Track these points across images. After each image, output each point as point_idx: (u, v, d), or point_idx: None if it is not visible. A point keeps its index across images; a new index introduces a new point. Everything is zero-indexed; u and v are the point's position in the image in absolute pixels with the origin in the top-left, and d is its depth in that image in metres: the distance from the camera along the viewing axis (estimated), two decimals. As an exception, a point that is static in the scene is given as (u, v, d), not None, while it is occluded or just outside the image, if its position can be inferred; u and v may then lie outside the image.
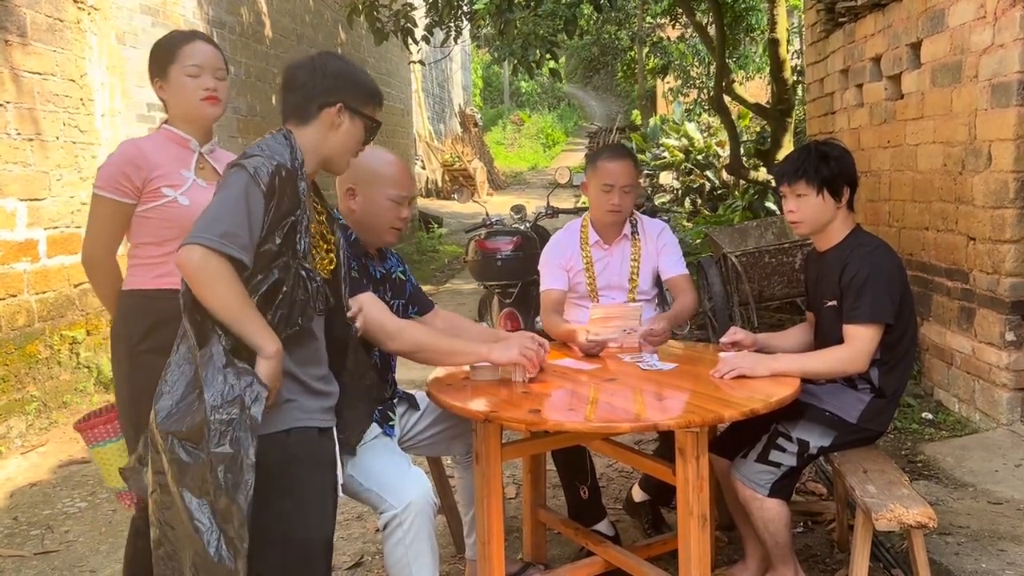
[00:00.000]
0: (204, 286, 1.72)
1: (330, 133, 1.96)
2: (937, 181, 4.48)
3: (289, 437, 1.87)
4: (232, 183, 1.79)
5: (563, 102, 31.42)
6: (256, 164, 1.79)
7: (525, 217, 5.51)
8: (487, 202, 8.79)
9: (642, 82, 21.36)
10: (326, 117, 1.95)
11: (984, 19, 3.94)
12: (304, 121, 1.95)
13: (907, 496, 2.32)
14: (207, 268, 1.71)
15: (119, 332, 2.36)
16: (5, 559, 3.26)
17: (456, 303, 8.53)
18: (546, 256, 3.21)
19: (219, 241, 1.71)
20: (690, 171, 11.49)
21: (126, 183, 2.28)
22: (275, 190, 1.79)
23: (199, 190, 2.33)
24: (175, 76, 2.34)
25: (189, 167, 2.36)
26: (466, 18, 8.31)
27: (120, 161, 2.31)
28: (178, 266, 1.74)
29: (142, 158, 2.30)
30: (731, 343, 2.70)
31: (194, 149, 2.39)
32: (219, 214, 1.75)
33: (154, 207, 2.30)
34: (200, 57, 2.36)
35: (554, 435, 2.62)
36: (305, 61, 1.99)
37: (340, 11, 9.94)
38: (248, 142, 8.25)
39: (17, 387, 4.68)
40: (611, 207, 3.06)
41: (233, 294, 1.74)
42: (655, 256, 3.17)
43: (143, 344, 2.28)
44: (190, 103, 2.36)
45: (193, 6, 7.07)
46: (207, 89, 2.35)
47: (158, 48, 2.40)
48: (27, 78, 4.82)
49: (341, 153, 2.01)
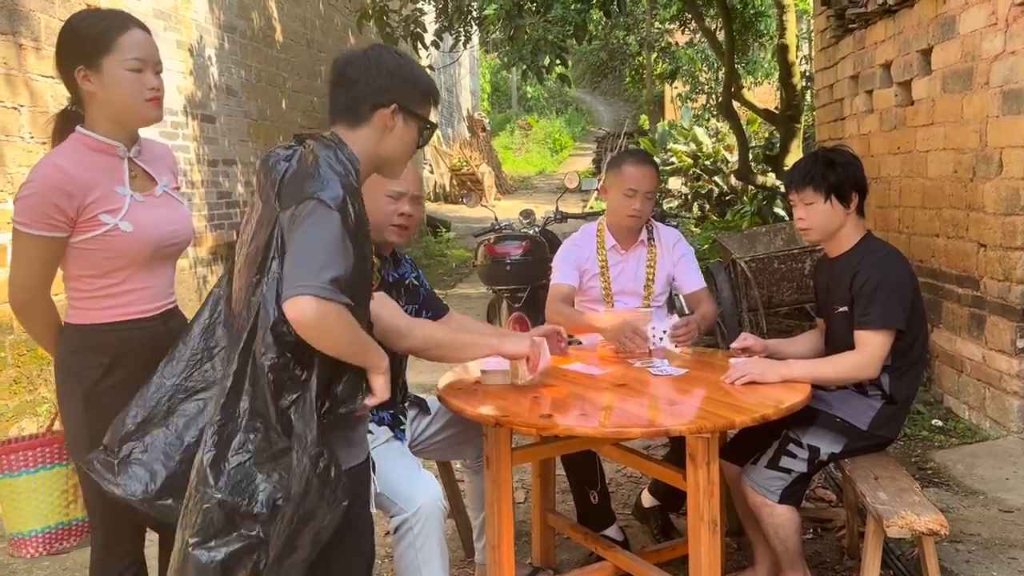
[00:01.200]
0: (326, 337, 1.62)
1: (384, 136, 1.81)
2: (947, 188, 4.47)
3: (352, 475, 1.78)
4: (322, 221, 1.62)
5: (571, 107, 31.44)
6: (331, 196, 1.64)
7: (534, 222, 5.52)
8: (495, 207, 8.81)
9: (650, 87, 21.37)
10: (379, 119, 1.79)
11: (995, 26, 3.93)
12: (355, 124, 1.79)
13: (918, 503, 2.31)
14: (326, 320, 1.59)
15: (69, 369, 2.02)
16: (16, 560, 3.27)
17: (465, 307, 8.53)
18: (562, 254, 3.20)
19: (330, 289, 1.59)
20: (698, 176, 11.49)
21: (57, 216, 1.91)
22: (352, 220, 1.66)
23: (139, 208, 2.01)
24: (111, 69, 1.94)
25: (123, 181, 2.00)
26: (475, 23, 8.34)
27: (46, 190, 1.90)
28: (292, 321, 1.59)
29: (70, 182, 1.91)
30: (742, 349, 2.70)
31: (123, 156, 2.02)
32: (324, 258, 1.60)
33: (92, 237, 1.95)
34: (142, 49, 1.97)
35: (564, 440, 2.63)
36: (357, 55, 1.82)
37: (350, 16, 9.98)
38: (259, 146, 8.35)
39: (29, 388, 4.71)
40: (632, 212, 3.06)
41: (352, 334, 1.66)
42: (671, 265, 3.17)
43: (104, 382, 1.98)
44: (131, 103, 1.97)
45: (205, 11, 7.11)
46: (152, 88, 1.99)
47: (84, 31, 1.97)
48: (40, 82, 4.86)
49: (396, 159, 1.86)
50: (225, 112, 7.36)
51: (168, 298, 2.13)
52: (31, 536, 2.12)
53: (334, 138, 1.76)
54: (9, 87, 4.62)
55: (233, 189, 7.55)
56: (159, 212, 2.06)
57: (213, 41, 7.23)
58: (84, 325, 2.02)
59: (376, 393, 1.75)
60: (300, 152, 1.73)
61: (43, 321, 2.07)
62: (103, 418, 1.93)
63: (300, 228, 1.63)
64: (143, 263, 2.02)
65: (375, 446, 2.36)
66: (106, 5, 5.52)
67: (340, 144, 1.75)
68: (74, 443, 2.04)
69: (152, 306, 2.07)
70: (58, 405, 2.10)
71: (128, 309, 2.02)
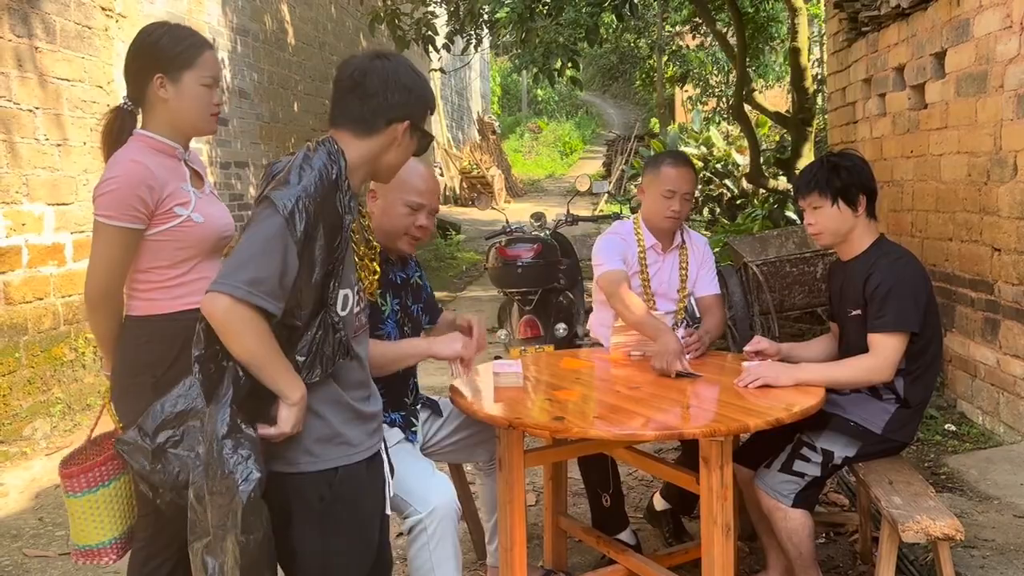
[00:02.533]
0: (230, 336, 1.64)
1: (391, 148, 1.84)
2: (961, 191, 4.45)
3: (336, 475, 1.80)
4: (262, 221, 1.66)
5: (581, 110, 31.46)
6: (283, 197, 1.66)
7: (545, 225, 5.52)
8: (505, 209, 8.82)
9: (661, 90, 21.35)
10: (391, 132, 1.82)
11: (1010, 29, 3.91)
12: (366, 132, 1.81)
13: (934, 508, 2.30)
14: (233, 320, 1.62)
15: (136, 362, 2.11)
16: (31, 559, 3.29)
17: (475, 310, 8.54)
18: (605, 243, 3.10)
19: (245, 290, 1.61)
20: (709, 180, 11.47)
21: (140, 208, 2.03)
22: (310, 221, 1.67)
23: (202, 202, 2.17)
24: (189, 83, 2.13)
25: (185, 178, 2.16)
26: (487, 26, 8.36)
27: (130, 183, 2.03)
28: (204, 313, 1.65)
29: (152, 177, 2.05)
30: (755, 352, 2.69)
31: (180, 158, 2.18)
32: (246, 258, 1.64)
33: (168, 229, 2.09)
34: (215, 69, 2.20)
35: (577, 442, 2.63)
36: (377, 66, 1.82)
37: (362, 19, 10.01)
38: (269, 148, 8.38)
39: (43, 389, 4.74)
40: (671, 213, 3.03)
41: (260, 343, 1.65)
42: (697, 269, 3.16)
43: (173, 369, 2.04)
44: (199, 116, 2.17)
45: (218, 14, 7.15)
46: (216, 104, 2.21)
47: (170, 43, 2.14)
48: (55, 84, 4.90)
49: (395, 167, 1.91)
50: (238, 115, 7.40)
51: None
52: (111, 544, 2.15)
53: (327, 140, 1.77)
54: (25, 89, 4.66)
55: (245, 191, 7.59)
56: (214, 208, 2.22)
57: (226, 44, 7.27)
58: (151, 316, 2.12)
59: (279, 425, 1.70)
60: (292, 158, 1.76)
61: (114, 316, 2.14)
62: None
63: (248, 228, 1.69)
64: (207, 253, 2.17)
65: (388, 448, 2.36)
66: (121, 10, 5.56)
67: (331, 145, 1.76)
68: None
69: None
70: (115, 399, 2.15)
71: (194, 298, 2.06)
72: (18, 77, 4.61)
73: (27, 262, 4.68)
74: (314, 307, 1.72)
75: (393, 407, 2.51)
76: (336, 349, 1.75)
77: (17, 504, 3.86)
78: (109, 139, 2.14)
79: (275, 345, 1.68)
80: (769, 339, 2.84)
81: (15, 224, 4.59)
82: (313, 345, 1.72)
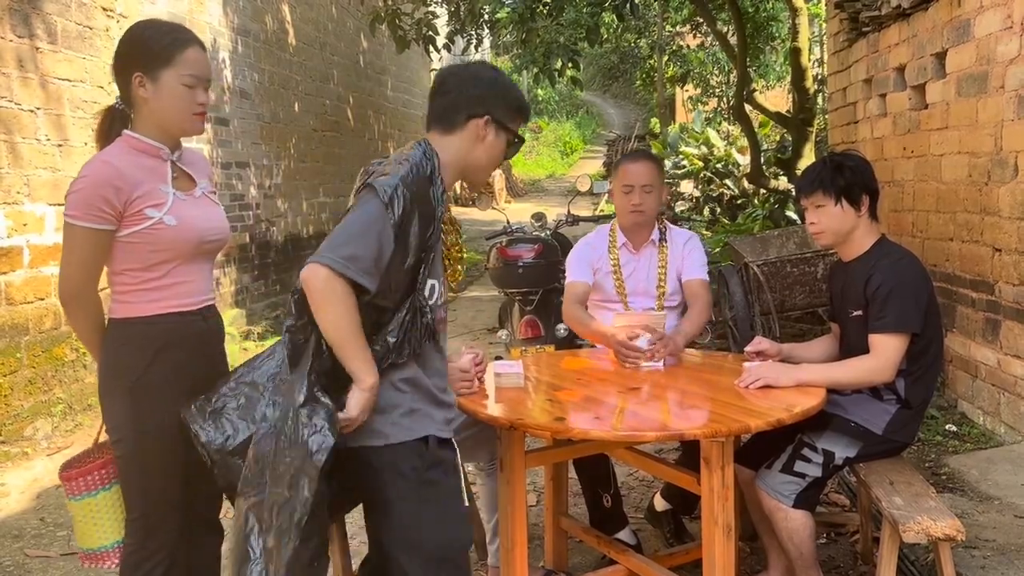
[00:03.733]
0: (323, 306, 1.76)
1: (476, 145, 1.93)
2: (962, 192, 4.45)
3: (427, 446, 1.88)
4: (363, 205, 1.81)
5: (581, 110, 31.43)
6: (384, 184, 1.80)
7: (546, 225, 5.52)
8: (505, 209, 8.82)
9: (661, 90, 21.35)
10: (472, 128, 1.92)
11: (1011, 29, 3.91)
12: (449, 129, 1.93)
13: (935, 508, 2.30)
14: (328, 291, 1.74)
15: (115, 365, 2.07)
16: (32, 559, 3.30)
17: (476, 310, 8.55)
18: (575, 253, 3.25)
19: (343, 263, 1.74)
20: (710, 180, 11.46)
21: (106, 208, 1.98)
22: (407, 208, 1.79)
23: (182, 205, 2.09)
24: (168, 82, 2.04)
25: (166, 180, 2.09)
26: (487, 26, 8.36)
27: (96, 183, 1.99)
28: (302, 280, 1.76)
29: (119, 177, 2.00)
30: (756, 352, 2.70)
31: (166, 159, 2.11)
32: (346, 237, 1.78)
33: (139, 231, 2.03)
34: (198, 66, 2.09)
35: (578, 443, 2.63)
36: (459, 67, 1.97)
37: (363, 19, 10.01)
38: (270, 148, 8.40)
39: (44, 389, 4.75)
40: (632, 207, 3.07)
41: (347, 319, 1.77)
42: (680, 261, 3.16)
43: (148, 375, 2.04)
44: (180, 116, 2.08)
45: (219, 14, 7.15)
46: (201, 104, 2.10)
47: (150, 41, 2.07)
48: (56, 84, 4.90)
49: (483, 167, 1.98)
50: (239, 115, 7.40)
51: (207, 294, 2.19)
52: (114, 548, 2.17)
53: (421, 142, 1.92)
54: (26, 89, 4.67)
55: (246, 191, 7.59)
56: (201, 210, 2.14)
57: (227, 44, 7.27)
58: (128, 319, 2.08)
59: (348, 409, 1.79)
60: (391, 156, 1.92)
61: (89, 316, 2.11)
62: (149, 410, 2.03)
63: (350, 210, 1.82)
64: (186, 257, 2.10)
65: None
66: (123, 10, 5.57)
67: (425, 144, 1.90)
68: (119, 437, 2.08)
69: (193, 300, 2.13)
70: (100, 399, 2.13)
71: (171, 302, 2.08)
72: (19, 78, 4.61)
73: (28, 262, 4.68)
74: (405, 290, 1.84)
75: None
76: (423, 332, 1.87)
77: (19, 504, 3.87)
78: (101, 138, 2.13)
79: (359, 326, 1.79)
80: (770, 339, 2.84)
81: (16, 224, 4.59)
82: (403, 326, 1.84)
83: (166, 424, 2.03)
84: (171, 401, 2.03)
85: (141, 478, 2.06)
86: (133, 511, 2.10)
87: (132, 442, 2.05)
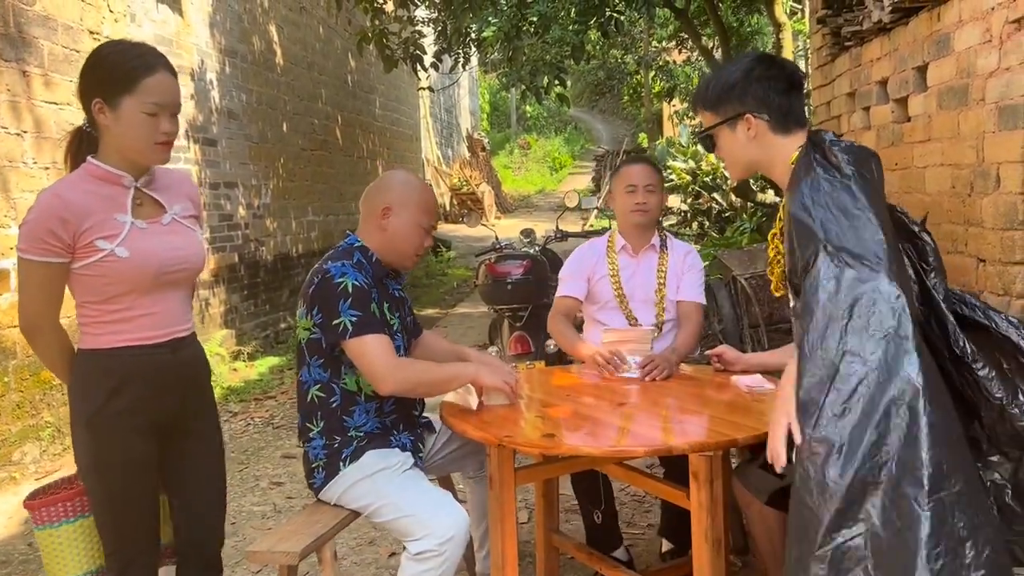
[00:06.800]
0: None
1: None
2: (946, 203, 4.49)
3: None
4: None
5: (569, 125, 31.60)
6: None
7: (535, 241, 5.54)
8: (495, 225, 8.85)
9: (648, 105, 21.50)
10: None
11: (990, 43, 3.97)
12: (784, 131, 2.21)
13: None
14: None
15: (77, 396, 2.04)
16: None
17: (465, 327, 8.55)
18: (568, 265, 3.21)
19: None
20: (698, 193, 11.52)
21: (54, 241, 1.92)
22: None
23: (140, 235, 2.00)
24: (128, 110, 1.96)
25: (125, 209, 2.00)
26: (474, 45, 8.42)
27: (42, 217, 1.92)
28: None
29: (66, 209, 1.92)
30: (715, 355, 2.80)
31: (128, 186, 2.02)
32: None
33: (90, 263, 1.96)
34: (162, 94, 1.99)
35: (568, 459, 2.63)
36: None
37: (350, 39, 10.06)
38: (259, 168, 8.40)
39: (32, 413, 4.72)
40: (635, 206, 3.07)
41: None
42: (680, 273, 3.14)
43: (107, 408, 1.99)
44: (140, 145, 1.99)
45: (206, 36, 7.18)
46: (165, 133, 2.00)
47: (112, 66, 1.97)
48: (43, 108, 4.90)
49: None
50: (226, 135, 7.41)
51: (178, 325, 2.10)
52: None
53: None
54: (13, 114, 4.67)
55: (235, 211, 7.58)
56: (163, 239, 2.05)
57: (214, 65, 7.29)
58: (92, 350, 2.03)
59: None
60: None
61: (51, 347, 2.07)
62: (108, 444, 1.97)
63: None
64: (145, 289, 2.01)
65: (403, 470, 2.39)
66: (110, 33, 5.58)
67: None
68: (82, 469, 2.06)
69: (157, 333, 2.05)
70: (72, 433, 2.09)
71: (132, 335, 2.02)
72: (6, 101, 4.61)
73: (15, 286, 4.66)
74: None
75: (405, 424, 2.55)
76: None
77: (6, 530, 3.84)
78: (68, 161, 2.07)
79: None
80: (759, 351, 2.86)
81: (3, 248, 4.58)
82: None
83: (129, 459, 1.99)
84: (130, 436, 1.99)
85: (109, 511, 2.02)
86: (107, 545, 2.07)
87: (94, 475, 2.01)
